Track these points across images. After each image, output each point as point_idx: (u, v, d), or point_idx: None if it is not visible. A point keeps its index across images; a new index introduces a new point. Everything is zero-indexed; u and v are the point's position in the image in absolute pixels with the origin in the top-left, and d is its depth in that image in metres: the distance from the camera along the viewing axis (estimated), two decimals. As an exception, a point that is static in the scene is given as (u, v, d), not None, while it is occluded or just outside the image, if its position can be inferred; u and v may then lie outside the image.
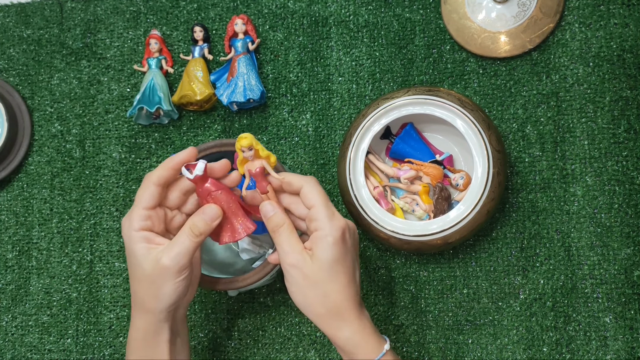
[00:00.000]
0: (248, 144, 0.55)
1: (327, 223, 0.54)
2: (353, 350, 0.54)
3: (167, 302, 0.54)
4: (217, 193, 0.55)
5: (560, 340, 0.68)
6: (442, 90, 0.67)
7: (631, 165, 0.69)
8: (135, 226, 0.54)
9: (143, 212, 0.54)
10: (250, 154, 0.56)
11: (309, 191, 0.55)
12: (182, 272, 0.54)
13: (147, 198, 0.54)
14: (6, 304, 0.81)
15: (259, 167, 0.56)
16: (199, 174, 0.53)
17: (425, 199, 0.69)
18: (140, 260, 0.54)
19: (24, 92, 0.85)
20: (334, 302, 0.54)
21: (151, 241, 0.55)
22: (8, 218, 0.83)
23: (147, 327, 0.56)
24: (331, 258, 0.53)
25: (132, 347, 0.57)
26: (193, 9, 0.82)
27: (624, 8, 0.71)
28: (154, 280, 0.54)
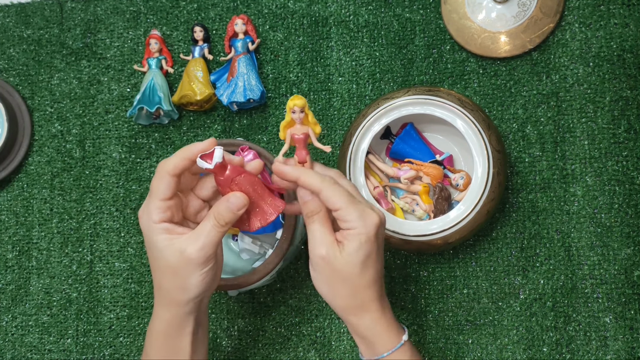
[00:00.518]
0: (302, 104, 0.53)
1: (359, 222, 0.53)
2: (373, 339, 0.54)
3: (194, 293, 0.53)
4: (239, 178, 0.53)
5: (560, 340, 0.68)
6: (442, 90, 0.67)
7: (631, 165, 0.69)
8: (154, 218, 0.53)
9: (161, 203, 0.53)
10: (301, 116, 0.53)
11: (330, 196, 0.53)
12: (208, 263, 0.53)
13: (164, 189, 0.53)
14: (6, 304, 0.81)
15: (303, 134, 0.54)
16: (219, 161, 0.51)
17: (425, 199, 0.69)
18: (164, 252, 0.53)
19: (24, 92, 0.85)
20: (362, 298, 0.54)
21: (172, 232, 0.53)
22: (8, 218, 0.83)
23: (172, 320, 0.55)
24: (363, 256, 0.53)
25: (154, 339, 0.56)
26: (193, 9, 0.82)
27: (624, 8, 0.71)
28: (179, 272, 0.53)
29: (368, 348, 0.55)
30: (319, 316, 0.73)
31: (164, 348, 0.56)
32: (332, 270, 0.53)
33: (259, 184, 0.54)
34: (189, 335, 0.56)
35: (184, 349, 0.56)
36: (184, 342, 0.56)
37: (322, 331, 0.73)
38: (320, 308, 0.73)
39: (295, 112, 0.53)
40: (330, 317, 0.73)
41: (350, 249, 0.52)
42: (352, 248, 0.52)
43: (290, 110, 0.53)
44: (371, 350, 0.55)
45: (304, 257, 0.75)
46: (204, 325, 0.59)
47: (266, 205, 0.54)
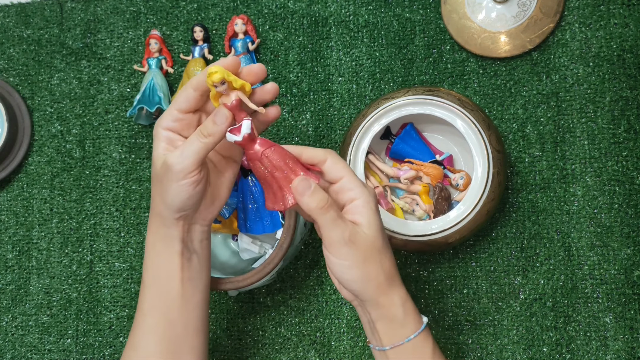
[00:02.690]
0: (219, 78, 0.49)
1: (364, 190, 0.52)
2: (403, 320, 0.53)
3: (172, 206, 0.52)
4: (269, 151, 0.51)
5: (560, 340, 0.68)
6: (442, 90, 0.67)
7: (631, 165, 0.69)
8: (163, 124, 0.53)
9: (174, 112, 0.53)
10: (224, 87, 0.50)
11: (335, 162, 0.53)
12: (187, 175, 0.51)
13: (182, 100, 0.52)
14: (6, 304, 0.81)
15: (235, 100, 0.51)
16: (247, 132, 0.50)
17: (425, 199, 0.69)
18: (155, 159, 0.53)
19: (24, 92, 0.85)
20: (389, 268, 0.53)
21: (172, 143, 0.53)
22: (8, 218, 0.83)
23: (159, 232, 0.54)
24: (380, 225, 0.52)
25: (147, 253, 0.56)
26: (193, 9, 0.82)
27: (624, 8, 0.71)
28: (161, 180, 0.52)
29: (393, 331, 0.53)
30: (319, 316, 0.73)
31: (155, 265, 0.55)
32: (361, 247, 0.51)
33: (291, 158, 0.52)
34: (177, 256, 0.54)
35: (173, 270, 0.55)
36: (173, 263, 0.55)
37: (322, 331, 0.73)
38: (320, 308, 0.73)
39: (217, 86, 0.50)
40: (330, 317, 0.73)
41: (366, 218, 0.52)
42: (367, 219, 0.52)
43: (212, 86, 0.51)
44: (396, 333, 0.53)
45: (304, 257, 0.75)
46: (201, 257, 0.57)
47: None
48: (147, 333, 0.55)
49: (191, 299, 0.56)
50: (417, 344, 0.53)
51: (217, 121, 0.51)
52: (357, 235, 0.51)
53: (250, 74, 0.53)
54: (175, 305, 0.55)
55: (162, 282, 0.55)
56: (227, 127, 0.51)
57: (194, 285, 0.56)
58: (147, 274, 0.56)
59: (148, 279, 0.56)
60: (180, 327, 0.55)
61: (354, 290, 0.53)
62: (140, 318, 0.56)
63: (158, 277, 0.55)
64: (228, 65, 0.51)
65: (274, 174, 0.51)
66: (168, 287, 0.55)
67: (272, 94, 0.54)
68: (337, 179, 0.53)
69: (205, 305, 0.58)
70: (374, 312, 0.53)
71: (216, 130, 0.51)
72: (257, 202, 0.68)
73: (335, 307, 0.73)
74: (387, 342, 0.54)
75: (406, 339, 0.53)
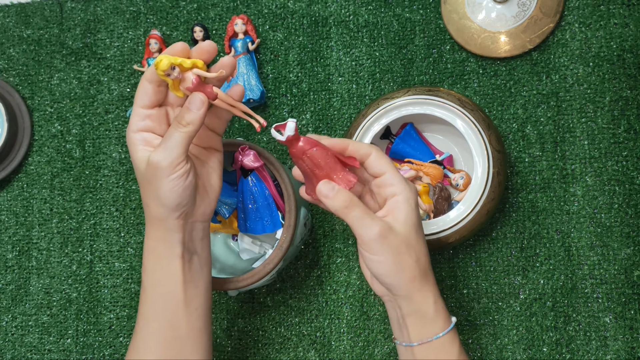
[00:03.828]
0: (168, 64, 0.49)
1: (405, 187, 0.53)
2: (434, 317, 0.53)
3: (169, 204, 0.51)
4: (312, 151, 0.52)
5: (560, 340, 0.68)
6: (442, 90, 0.67)
7: (631, 165, 0.69)
8: (133, 127, 0.52)
9: (139, 111, 0.52)
10: (177, 72, 0.50)
11: (378, 157, 0.53)
12: (175, 168, 0.50)
13: (142, 96, 0.52)
14: (6, 304, 0.81)
15: (194, 78, 0.50)
16: (291, 133, 0.51)
17: (425, 199, 0.69)
18: (137, 163, 0.51)
19: (24, 92, 0.85)
20: (424, 265, 0.53)
21: (150, 143, 0.52)
22: (8, 218, 0.83)
23: (157, 237, 0.54)
24: (417, 221, 0.53)
25: (146, 259, 0.55)
26: (193, 9, 0.82)
27: (624, 8, 0.71)
28: (152, 182, 0.51)
29: (422, 328, 0.53)
30: (319, 316, 0.73)
31: (156, 270, 0.54)
32: (394, 242, 0.51)
33: (332, 157, 0.53)
34: (177, 259, 0.54)
35: (174, 274, 0.54)
36: (174, 266, 0.54)
37: (322, 331, 0.73)
38: (320, 308, 0.73)
39: (169, 74, 0.49)
40: (330, 317, 0.73)
41: (404, 214, 0.52)
42: (405, 213, 0.52)
43: (165, 76, 0.50)
44: (425, 330, 0.53)
45: (304, 257, 0.75)
46: (201, 257, 0.56)
47: (338, 179, 0.53)
48: (149, 336, 0.55)
49: (193, 301, 0.55)
50: (445, 343, 0.53)
51: (192, 107, 0.50)
52: (389, 231, 0.51)
53: (202, 52, 0.52)
54: (177, 308, 0.55)
55: (163, 286, 0.55)
56: (204, 112, 0.51)
57: (195, 287, 0.56)
58: (147, 278, 0.55)
59: (148, 283, 0.55)
60: (183, 329, 0.55)
61: (388, 284, 0.53)
62: (142, 322, 0.55)
63: (159, 281, 0.55)
64: (176, 51, 0.51)
65: (314, 170, 0.53)
66: (169, 290, 0.55)
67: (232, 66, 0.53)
68: (380, 173, 0.53)
69: (208, 306, 0.57)
70: (405, 307, 0.53)
71: (194, 117, 0.51)
72: (257, 202, 0.68)
73: (335, 307, 0.73)
74: (415, 338, 0.54)
75: (435, 337, 0.53)
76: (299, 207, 0.67)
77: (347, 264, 0.73)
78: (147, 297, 0.55)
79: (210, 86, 0.52)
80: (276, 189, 0.68)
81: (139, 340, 0.55)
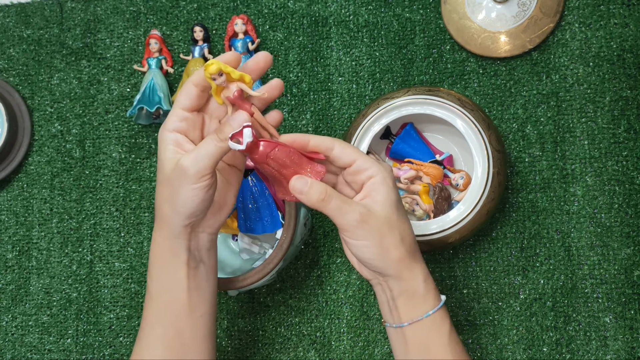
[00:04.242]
0: (217, 69, 0.49)
1: (380, 167, 0.52)
2: (424, 295, 0.53)
3: (184, 211, 0.51)
4: (274, 152, 0.52)
5: (560, 340, 0.68)
6: (442, 90, 0.67)
7: (631, 165, 0.69)
8: (169, 126, 0.52)
9: (179, 112, 0.52)
10: (222, 79, 0.50)
11: (343, 148, 0.53)
12: (201, 178, 0.50)
13: (184, 98, 0.52)
14: (6, 304, 0.81)
15: (236, 91, 0.51)
16: (249, 140, 0.50)
17: (425, 199, 0.69)
18: (164, 162, 0.51)
19: (24, 92, 0.85)
20: (410, 242, 0.53)
21: (181, 146, 0.52)
22: (8, 218, 0.83)
23: (164, 242, 0.53)
24: (396, 199, 0.52)
25: (151, 265, 0.55)
26: (193, 9, 0.82)
27: (624, 8, 0.71)
28: (172, 183, 0.51)
29: (412, 307, 0.53)
30: (319, 316, 0.73)
31: (162, 276, 0.54)
32: (375, 225, 0.51)
33: (295, 153, 0.53)
34: (183, 265, 0.54)
35: (180, 281, 0.54)
36: (179, 273, 0.54)
37: (322, 331, 0.73)
38: (320, 308, 0.73)
39: (215, 79, 0.50)
40: (330, 317, 0.73)
41: (382, 195, 0.52)
42: (383, 194, 0.52)
43: (211, 79, 0.51)
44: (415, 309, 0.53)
45: (304, 257, 0.75)
46: (208, 266, 0.56)
47: (307, 173, 0.53)
48: (153, 342, 0.55)
49: (198, 308, 0.55)
50: (436, 321, 0.53)
51: (234, 125, 0.50)
52: (368, 215, 0.51)
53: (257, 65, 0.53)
54: (182, 315, 0.55)
55: (168, 293, 0.55)
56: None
57: (200, 295, 0.56)
58: (152, 284, 0.55)
59: (154, 289, 0.55)
60: (188, 335, 0.55)
61: (376, 267, 0.53)
62: (147, 328, 0.55)
63: (164, 288, 0.55)
64: (228, 60, 0.51)
65: (281, 171, 0.52)
66: (174, 297, 0.54)
67: (279, 90, 0.54)
68: (350, 162, 0.53)
69: (213, 313, 0.57)
70: (396, 287, 0.53)
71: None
72: (257, 202, 0.68)
73: (335, 307, 0.73)
74: (405, 318, 0.54)
75: (425, 315, 0.53)
76: (299, 207, 0.67)
77: (347, 264, 0.73)
78: (152, 303, 0.55)
79: (250, 103, 0.52)
80: (276, 189, 0.68)
81: (143, 346, 0.55)
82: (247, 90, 0.51)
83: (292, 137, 0.54)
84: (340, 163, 0.54)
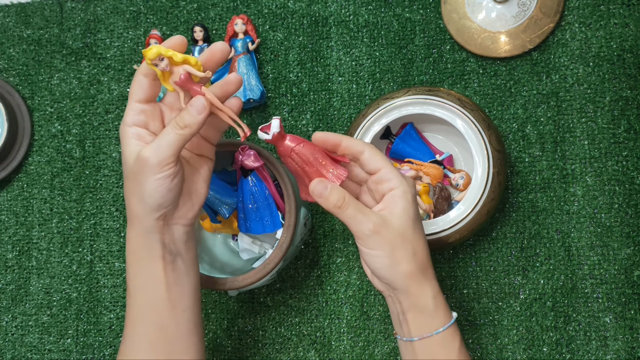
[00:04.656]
0: (155, 53, 0.48)
1: (402, 181, 0.53)
2: (434, 312, 0.53)
3: (151, 202, 0.50)
4: (299, 147, 0.52)
5: (560, 340, 0.68)
6: (442, 90, 0.67)
7: (631, 165, 0.69)
8: (127, 121, 0.51)
9: (135, 105, 0.51)
10: (165, 63, 0.49)
11: (373, 154, 0.53)
12: (163, 168, 0.49)
13: (137, 90, 0.51)
14: (6, 304, 0.81)
15: (182, 74, 0.49)
16: (276, 131, 0.51)
17: (425, 199, 0.69)
18: (127, 157, 0.51)
19: (24, 92, 0.85)
20: (422, 259, 0.53)
21: (142, 138, 0.51)
22: (8, 218, 0.83)
23: (137, 238, 0.53)
24: (414, 214, 0.53)
25: (128, 262, 0.54)
26: (193, 9, 0.82)
27: (624, 8, 0.71)
28: (136, 176, 0.50)
29: (422, 323, 0.53)
30: (319, 316, 0.73)
31: (138, 273, 0.54)
32: (388, 236, 0.51)
33: (320, 152, 0.53)
34: (159, 260, 0.53)
35: (157, 276, 0.53)
36: (156, 268, 0.53)
37: (322, 331, 0.73)
38: (320, 308, 0.73)
39: (157, 64, 0.49)
40: (330, 317, 0.73)
41: (400, 209, 0.52)
42: (402, 207, 0.52)
43: (153, 66, 0.49)
44: (425, 325, 0.53)
45: (304, 257, 0.75)
46: (185, 259, 0.55)
47: (329, 174, 0.53)
48: (137, 341, 0.54)
49: (179, 302, 0.55)
50: (445, 338, 0.53)
51: (193, 111, 0.50)
52: (383, 225, 0.52)
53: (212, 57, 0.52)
54: (163, 310, 0.54)
55: (147, 289, 0.54)
56: (204, 118, 0.50)
57: (181, 288, 0.55)
58: (131, 282, 0.54)
59: (132, 287, 0.54)
60: (171, 331, 0.54)
61: (385, 278, 0.53)
62: (130, 326, 0.55)
63: (142, 284, 0.54)
64: (171, 45, 0.50)
65: (304, 168, 0.53)
66: (153, 293, 0.54)
67: (235, 85, 0.53)
68: (375, 170, 0.53)
69: (196, 307, 0.56)
70: (405, 301, 0.53)
71: (193, 120, 0.50)
72: (257, 202, 0.68)
73: (335, 307, 0.73)
74: (415, 333, 0.54)
75: (435, 332, 0.53)
76: (299, 207, 0.67)
77: (347, 264, 0.73)
78: (132, 301, 0.55)
79: (199, 85, 0.51)
80: (276, 189, 0.68)
81: (127, 344, 0.55)
82: (193, 72, 0.50)
83: (325, 136, 0.54)
84: (367, 168, 0.54)
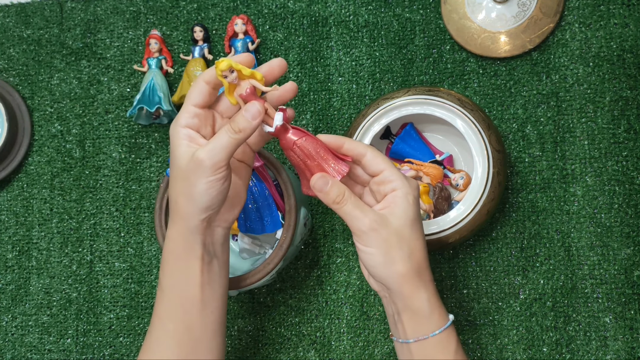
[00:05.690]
0: (227, 65, 0.50)
1: (405, 182, 0.53)
2: (429, 314, 0.53)
3: (200, 204, 0.52)
4: (301, 141, 0.53)
5: (560, 340, 0.68)
6: (442, 90, 0.67)
7: (631, 165, 0.69)
8: (181, 122, 0.52)
9: (191, 108, 0.52)
10: (234, 76, 0.51)
11: (375, 156, 0.54)
12: (216, 170, 0.50)
13: (196, 95, 0.52)
14: (6, 304, 0.81)
15: (248, 88, 0.52)
16: (279, 123, 0.51)
17: (425, 199, 0.69)
18: (178, 157, 0.52)
19: (24, 92, 0.85)
20: (418, 260, 0.53)
21: (194, 140, 0.52)
22: (8, 218, 0.83)
23: (179, 237, 0.54)
24: (413, 216, 0.53)
25: (165, 261, 0.55)
26: (193, 9, 0.82)
27: (624, 8, 0.71)
28: (188, 176, 0.51)
29: (418, 325, 0.53)
30: (319, 316, 0.73)
31: (175, 271, 0.55)
32: (384, 234, 0.52)
33: (322, 147, 0.54)
34: (197, 260, 0.54)
35: (193, 276, 0.54)
36: (193, 268, 0.54)
37: (322, 331, 0.73)
38: (320, 308, 0.73)
39: (226, 76, 0.51)
40: (330, 317, 0.73)
41: (400, 209, 0.52)
42: (402, 208, 0.52)
43: (222, 77, 0.51)
44: (421, 327, 0.53)
45: (304, 257, 0.75)
46: (221, 262, 0.56)
47: (330, 169, 0.54)
48: (164, 337, 0.55)
49: (210, 303, 0.55)
50: (442, 340, 0.53)
51: (248, 116, 0.51)
52: (380, 223, 0.52)
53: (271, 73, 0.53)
54: (194, 310, 0.55)
55: (181, 287, 0.55)
56: (258, 124, 0.51)
57: (213, 290, 0.56)
58: (165, 279, 0.55)
59: (166, 284, 0.55)
60: (199, 331, 0.55)
61: (379, 276, 0.53)
62: (158, 322, 0.55)
63: (177, 282, 0.55)
64: (241, 61, 0.52)
65: (306, 162, 0.54)
66: (187, 292, 0.55)
67: (292, 92, 0.54)
68: (378, 171, 0.54)
69: (224, 308, 0.57)
70: (399, 303, 0.54)
71: (247, 126, 0.51)
72: (257, 202, 0.68)
73: (335, 307, 0.73)
74: (411, 335, 0.54)
75: (431, 334, 0.53)
76: (299, 207, 0.67)
77: (347, 264, 0.73)
78: (164, 298, 0.55)
79: (263, 100, 0.52)
80: (276, 189, 0.68)
81: (153, 340, 0.55)
82: (259, 87, 0.52)
83: (327, 138, 0.54)
84: (369, 170, 0.54)
